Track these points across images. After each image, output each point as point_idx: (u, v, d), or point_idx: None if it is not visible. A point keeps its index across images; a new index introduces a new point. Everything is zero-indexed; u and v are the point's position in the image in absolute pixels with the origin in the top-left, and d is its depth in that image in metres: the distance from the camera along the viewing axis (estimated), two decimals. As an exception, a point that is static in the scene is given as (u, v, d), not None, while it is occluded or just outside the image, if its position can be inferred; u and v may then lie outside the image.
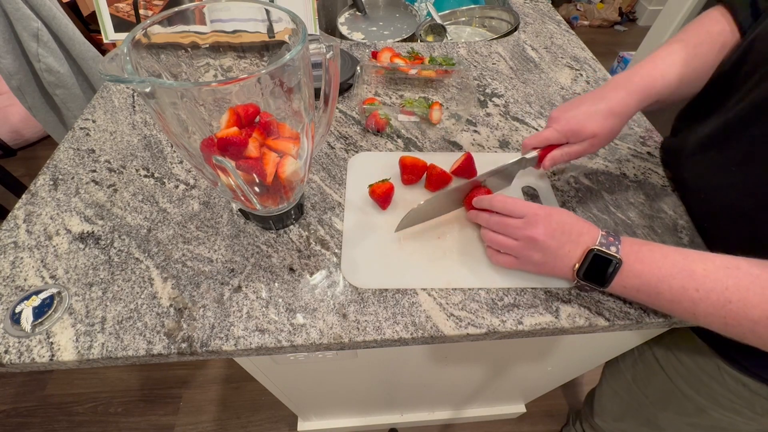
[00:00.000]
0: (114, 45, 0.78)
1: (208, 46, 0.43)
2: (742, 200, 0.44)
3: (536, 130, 0.65)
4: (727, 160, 0.46)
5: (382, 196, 0.50)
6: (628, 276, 0.39)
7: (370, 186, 0.51)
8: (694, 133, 0.52)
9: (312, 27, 0.79)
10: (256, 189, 0.41)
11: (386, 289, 0.45)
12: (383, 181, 0.51)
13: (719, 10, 0.50)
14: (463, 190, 0.50)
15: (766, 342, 0.34)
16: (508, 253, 0.45)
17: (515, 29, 0.90)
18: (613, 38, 2.80)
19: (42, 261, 0.46)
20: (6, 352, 0.39)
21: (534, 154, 0.51)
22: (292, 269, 0.47)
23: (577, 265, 0.41)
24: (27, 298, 0.42)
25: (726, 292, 0.35)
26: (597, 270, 0.40)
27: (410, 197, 0.54)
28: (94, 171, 0.56)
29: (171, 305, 0.43)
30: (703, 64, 0.49)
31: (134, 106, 0.66)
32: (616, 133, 0.49)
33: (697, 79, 0.50)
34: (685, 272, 0.37)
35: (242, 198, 0.42)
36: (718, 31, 0.49)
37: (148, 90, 0.30)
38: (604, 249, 0.40)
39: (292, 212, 0.49)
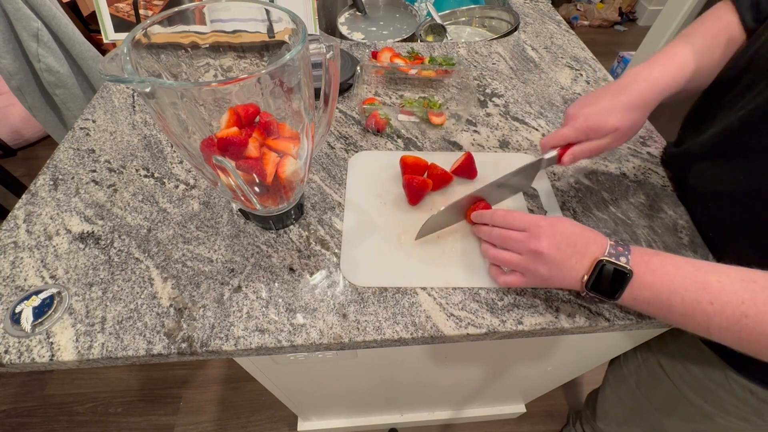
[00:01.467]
0: (114, 45, 0.78)
1: (208, 46, 0.43)
2: (749, 209, 0.44)
3: (536, 130, 0.65)
4: (734, 168, 0.45)
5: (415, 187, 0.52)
6: (639, 288, 0.37)
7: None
8: (700, 140, 0.52)
9: (312, 27, 0.79)
10: (256, 189, 0.41)
11: (386, 289, 0.45)
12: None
13: (726, 4, 0.50)
14: (469, 200, 0.49)
15: None
16: (512, 269, 0.43)
17: (515, 29, 0.90)
18: (613, 38, 2.80)
19: (42, 261, 0.46)
20: (6, 352, 0.39)
21: (553, 153, 0.49)
22: (292, 269, 0.47)
23: (585, 277, 0.39)
24: (27, 298, 0.42)
25: (742, 306, 0.33)
26: (606, 281, 0.38)
27: (410, 197, 0.54)
28: (94, 171, 0.56)
29: (171, 305, 0.43)
30: (712, 58, 0.49)
31: (134, 106, 0.66)
32: (639, 127, 0.48)
33: (709, 72, 0.50)
34: (699, 284, 0.35)
35: (242, 198, 0.42)
36: (724, 26, 0.49)
37: (148, 90, 0.30)
38: (613, 260, 0.38)
39: (292, 212, 0.49)
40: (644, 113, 0.47)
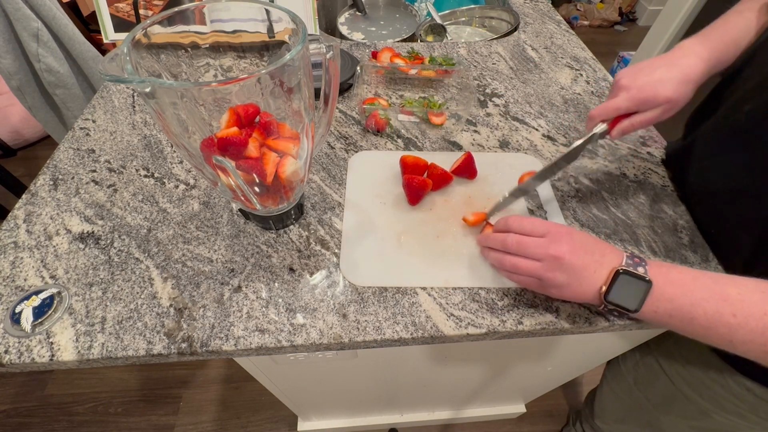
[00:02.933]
0: (114, 45, 0.78)
1: (208, 46, 0.43)
2: (751, 205, 0.44)
3: (536, 130, 0.65)
4: (737, 164, 0.45)
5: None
6: (660, 300, 0.36)
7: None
8: (702, 137, 0.51)
9: (312, 27, 0.79)
10: (256, 189, 0.41)
11: (386, 289, 0.45)
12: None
13: None
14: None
15: None
16: (529, 275, 0.41)
17: (515, 29, 0.90)
18: (613, 38, 2.80)
19: (42, 261, 0.46)
20: (6, 352, 0.39)
21: (603, 127, 0.48)
22: (292, 269, 0.47)
23: (603, 288, 0.38)
24: (27, 298, 0.42)
25: (765, 317, 0.32)
26: (625, 293, 0.37)
27: (410, 197, 0.54)
28: (94, 171, 0.56)
29: (171, 305, 0.43)
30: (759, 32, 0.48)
31: (134, 106, 0.66)
32: (688, 100, 0.46)
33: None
34: (719, 296, 0.34)
35: (242, 198, 0.42)
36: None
37: (148, 90, 0.30)
38: (631, 269, 0.37)
39: (292, 212, 0.49)
40: (694, 87, 0.46)
